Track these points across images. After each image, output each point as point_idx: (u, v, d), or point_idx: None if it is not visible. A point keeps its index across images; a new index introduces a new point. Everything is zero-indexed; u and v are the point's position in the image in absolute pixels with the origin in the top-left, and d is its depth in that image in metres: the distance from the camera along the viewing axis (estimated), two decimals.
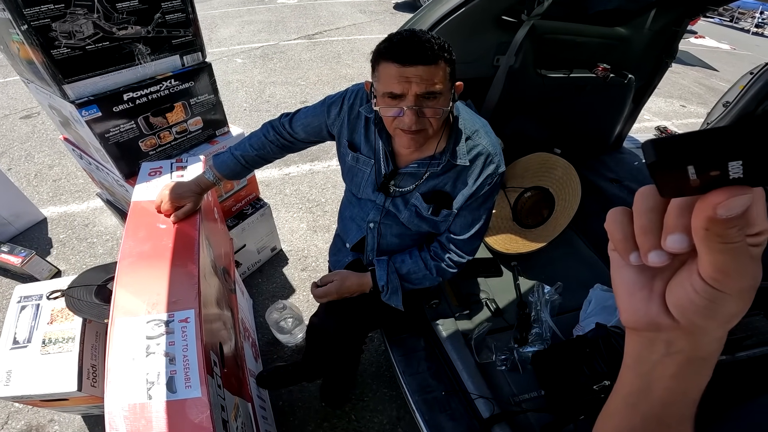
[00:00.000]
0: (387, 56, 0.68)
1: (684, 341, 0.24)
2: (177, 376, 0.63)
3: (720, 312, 0.21)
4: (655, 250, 0.22)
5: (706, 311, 0.21)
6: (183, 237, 0.85)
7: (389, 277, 0.92)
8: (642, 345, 0.27)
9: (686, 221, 0.20)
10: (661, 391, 0.27)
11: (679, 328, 0.24)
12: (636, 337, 0.27)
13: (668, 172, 0.19)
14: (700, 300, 0.21)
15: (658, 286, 0.24)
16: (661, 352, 0.25)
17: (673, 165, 0.18)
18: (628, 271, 0.26)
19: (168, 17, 1.11)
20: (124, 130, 1.14)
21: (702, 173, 0.17)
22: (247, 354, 1.16)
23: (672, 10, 1.57)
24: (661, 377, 0.26)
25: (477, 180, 0.82)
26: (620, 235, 0.24)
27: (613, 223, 0.25)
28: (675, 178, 0.18)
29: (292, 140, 0.96)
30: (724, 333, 0.23)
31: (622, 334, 1.04)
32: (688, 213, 0.20)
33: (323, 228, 2.14)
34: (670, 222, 0.21)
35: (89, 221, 2.11)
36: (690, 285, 0.22)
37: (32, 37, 0.89)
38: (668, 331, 0.24)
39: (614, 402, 0.30)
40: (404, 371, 1.17)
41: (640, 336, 0.27)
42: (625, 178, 1.91)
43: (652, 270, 0.25)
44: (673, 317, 0.23)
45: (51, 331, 1.10)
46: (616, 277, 0.27)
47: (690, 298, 0.22)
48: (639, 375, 0.28)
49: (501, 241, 1.47)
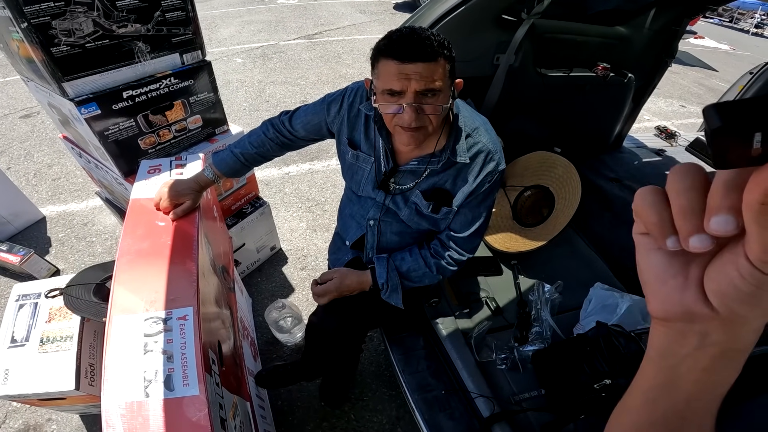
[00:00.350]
0: (386, 53, 0.67)
1: (721, 332, 0.22)
2: (175, 374, 0.63)
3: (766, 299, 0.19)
4: (698, 234, 0.20)
5: (751, 299, 0.19)
6: (182, 234, 0.85)
7: (389, 275, 0.92)
8: (671, 337, 0.25)
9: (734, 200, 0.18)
10: (689, 384, 0.25)
11: (717, 318, 0.22)
12: (664, 329, 0.25)
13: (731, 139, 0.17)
14: (746, 286, 0.19)
15: (695, 272, 0.22)
16: (694, 345, 0.24)
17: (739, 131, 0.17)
18: (659, 256, 0.24)
19: (168, 15, 1.11)
20: (123, 128, 1.14)
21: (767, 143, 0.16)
22: (245, 353, 1.16)
23: (671, 10, 1.57)
24: (691, 371, 0.25)
25: (477, 177, 0.82)
26: (655, 217, 0.22)
27: (646, 205, 0.22)
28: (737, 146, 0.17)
29: (291, 138, 0.96)
30: (763, 323, 0.22)
31: (623, 333, 1.03)
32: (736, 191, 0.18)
33: (323, 227, 2.14)
34: (716, 201, 0.19)
35: (88, 220, 2.11)
36: (735, 270, 0.19)
37: (32, 35, 0.89)
38: (704, 321, 0.22)
39: (633, 396, 0.29)
40: (404, 370, 1.17)
41: (669, 328, 0.25)
42: (625, 178, 1.91)
43: (687, 255, 0.22)
44: (712, 306, 0.21)
45: (49, 329, 1.10)
46: (644, 263, 0.25)
47: (735, 284, 0.20)
48: (664, 369, 0.26)
49: (501, 239, 1.47)
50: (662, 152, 2.21)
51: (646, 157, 2.12)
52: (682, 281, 0.23)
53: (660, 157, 2.17)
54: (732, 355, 0.23)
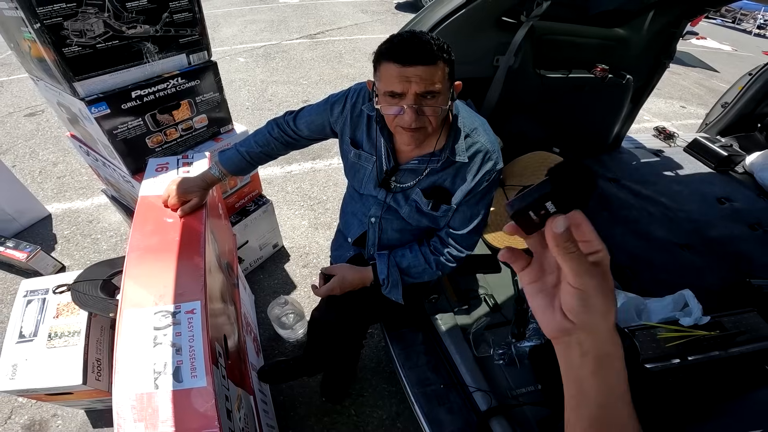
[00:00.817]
0: (388, 56, 0.70)
1: (588, 340, 0.31)
2: (183, 366, 0.64)
3: (592, 306, 0.29)
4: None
5: (583, 308, 0.29)
6: (189, 231, 0.87)
7: (390, 270, 0.94)
8: (563, 351, 0.33)
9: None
10: (592, 389, 0.32)
11: (578, 327, 0.31)
12: (558, 346, 0.34)
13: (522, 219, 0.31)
14: (575, 300, 0.29)
15: (557, 302, 0.32)
16: (579, 353, 0.32)
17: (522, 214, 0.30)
18: (540, 297, 0.33)
19: (176, 17, 1.13)
20: (131, 126, 1.16)
21: (537, 214, 0.30)
22: (249, 348, 1.18)
23: (670, 12, 1.59)
24: (586, 376, 0.32)
25: (476, 176, 0.84)
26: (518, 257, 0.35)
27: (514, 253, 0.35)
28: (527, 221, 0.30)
29: (296, 137, 0.98)
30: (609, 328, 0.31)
31: (619, 329, 1.06)
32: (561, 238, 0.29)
33: (324, 225, 2.16)
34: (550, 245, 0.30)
35: (93, 218, 2.13)
36: (566, 292, 0.30)
37: (44, 36, 0.91)
38: (574, 332, 0.31)
39: (567, 411, 0.35)
40: (404, 365, 1.19)
41: (559, 343, 0.33)
42: (623, 177, 1.94)
43: (552, 294, 0.33)
44: (571, 320, 0.31)
45: (57, 325, 1.11)
46: (532, 303, 0.34)
47: (570, 301, 0.30)
48: (572, 379, 0.33)
49: (500, 237, 1.49)
50: (660, 153, 2.23)
51: (644, 158, 2.14)
52: (552, 310, 0.32)
53: (658, 157, 2.19)
54: (606, 360, 0.31)
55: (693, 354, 1.04)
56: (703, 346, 1.05)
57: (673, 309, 1.22)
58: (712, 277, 1.51)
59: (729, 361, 1.04)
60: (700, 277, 1.50)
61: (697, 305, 1.13)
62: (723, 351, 1.05)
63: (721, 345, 1.06)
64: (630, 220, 1.71)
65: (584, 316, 0.30)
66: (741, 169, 2.18)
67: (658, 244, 1.62)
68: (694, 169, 2.13)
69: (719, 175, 2.10)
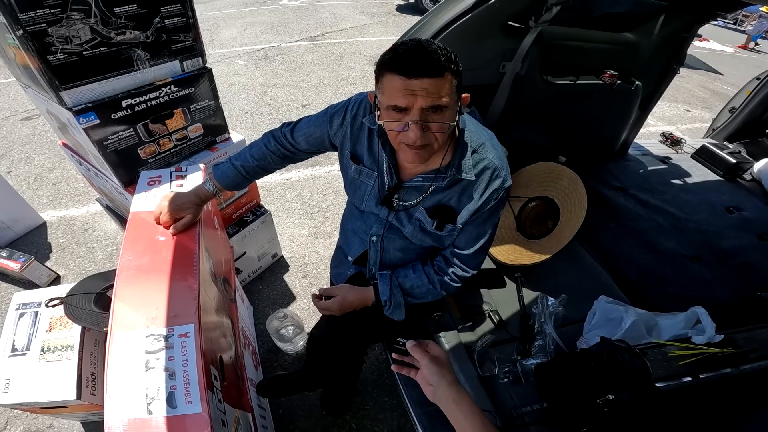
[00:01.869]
0: (391, 68, 0.65)
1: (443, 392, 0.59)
2: (177, 392, 0.63)
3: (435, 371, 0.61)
4: None
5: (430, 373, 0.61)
6: (182, 250, 0.84)
7: (392, 291, 0.91)
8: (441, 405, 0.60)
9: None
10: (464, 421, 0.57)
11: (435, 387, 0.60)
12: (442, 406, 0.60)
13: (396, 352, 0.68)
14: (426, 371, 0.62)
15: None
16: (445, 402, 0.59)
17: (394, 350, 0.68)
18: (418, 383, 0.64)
19: (167, 22, 1.09)
20: (122, 137, 1.13)
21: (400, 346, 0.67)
22: (247, 363, 1.16)
23: (682, 16, 1.55)
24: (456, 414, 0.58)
25: (483, 195, 0.80)
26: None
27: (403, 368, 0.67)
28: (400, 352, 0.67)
29: (293, 150, 0.94)
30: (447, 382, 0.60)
31: (627, 348, 1.02)
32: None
33: (324, 234, 2.12)
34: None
35: (89, 226, 2.10)
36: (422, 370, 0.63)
37: (28, 43, 0.87)
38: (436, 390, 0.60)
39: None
40: (406, 383, 1.15)
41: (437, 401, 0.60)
42: (631, 187, 1.90)
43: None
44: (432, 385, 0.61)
45: (50, 338, 1.11)
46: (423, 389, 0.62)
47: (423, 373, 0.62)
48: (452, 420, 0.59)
49: (505, 251, 1.46)
50: (668, 160, 2.19)
51: (652, 165, 2.11)
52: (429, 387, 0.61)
53: (665, 164, 2.15)
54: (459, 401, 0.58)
55: (705, 372, 1.02)
56: (715, 363, 1.03)
57: (685, 326, 1.19)
58: (723, 290, 1.47)
59: (742, 378, 1.02)
60: (711, 291, 1.47)
61: (710, 323, 1.10)
62: (735, 368, 1.03)
63: (734, 362, 1.04)
64: (638, 232, 1.68)
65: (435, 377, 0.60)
66: (749, 176, 2.14)
67: (667, 257, 1.59)
68: (702, 176, 2.08)
69: (727, 183, 2.06)
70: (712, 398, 1.01)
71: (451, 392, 0.59)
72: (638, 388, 0.92)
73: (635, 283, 1.47)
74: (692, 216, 1.77)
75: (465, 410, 0.57)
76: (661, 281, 1.49)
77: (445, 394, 0.59)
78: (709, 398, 1.01)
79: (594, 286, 1.45)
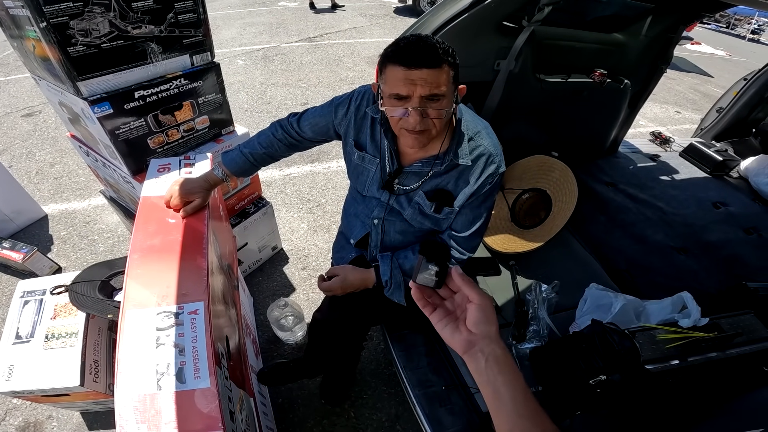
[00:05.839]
0: (394, 59, 0.71)
1: (487, 346, 0.44)
2: (186, 367, 0.64)
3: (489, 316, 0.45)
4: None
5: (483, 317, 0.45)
6: (192, 231, 0.87)
7: (392, 272, 0.95)
8: (474, 361, 0.45)
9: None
10: (502, 388, 0.42)
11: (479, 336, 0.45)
12: (469, 358, 0.46)
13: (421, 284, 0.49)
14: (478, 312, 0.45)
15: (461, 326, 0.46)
16: (484, 358, 0.44)
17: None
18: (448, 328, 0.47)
19: (180, 17, 1.13)
20: (133, 127, 1.16)
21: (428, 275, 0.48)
22: (248, 350, 1.17)
23: (667, 17, 1.61)
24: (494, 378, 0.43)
25: (478, 179, 0.85)
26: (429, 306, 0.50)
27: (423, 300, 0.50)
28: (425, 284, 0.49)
29: (299, 139, 0.98)
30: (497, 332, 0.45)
31: (617, 331, 1.06)
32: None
33: (323, 228, 2.16)
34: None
35: (90, 219, 2.12)
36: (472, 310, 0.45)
37: (50, 35, 0.91)
38: (477, 342, 0.45)
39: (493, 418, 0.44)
40: (405, 366, 1.19)
41: (469, 356, 0.45)
42: (620, 182, 1.96)
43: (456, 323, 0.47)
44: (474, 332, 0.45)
45: (54, 326, 1.11)
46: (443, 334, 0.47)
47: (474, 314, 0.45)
48: (485, 384, 0.44)
49: (499, 241, 1.50)
50: (656, 157, 2.26)
51: (641, 162, 2.17)
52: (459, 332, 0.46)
53: (654, 162, 2.22)
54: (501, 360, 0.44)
55: (692, 355, 1.05)
56: (701, 347, 1.06)
57: (672, 311, 1.23)
58: (709, 280, 1.52)
59: (727, 362, 1.05)
60: (697, 281, 1.51)
61: (696, 307, 1.14)
62: (721, 352, 1.06)
63: (720, 346, 1.07)
64: (627, 224, 1.73)
65: (483, 326, 0.45)
66: (736, 173, 2.21)
67: (655, 248, 1.64)
68: (689, 173, 2.15)
69: (714, 180, 2.12)
70: (699, 381, 1.04)
71: (496, 348, 0.44)
72: (628, 369, 0.95)
73: (624, 272, 1.52)
74: (680, 210, 1.83)
75: (507, 375, 0.42)
76: (649, 271, 1.53)
77: (488, 348, 0.44)
78: (696, 381, 1.03)
79: (585, 275, 1.50)
